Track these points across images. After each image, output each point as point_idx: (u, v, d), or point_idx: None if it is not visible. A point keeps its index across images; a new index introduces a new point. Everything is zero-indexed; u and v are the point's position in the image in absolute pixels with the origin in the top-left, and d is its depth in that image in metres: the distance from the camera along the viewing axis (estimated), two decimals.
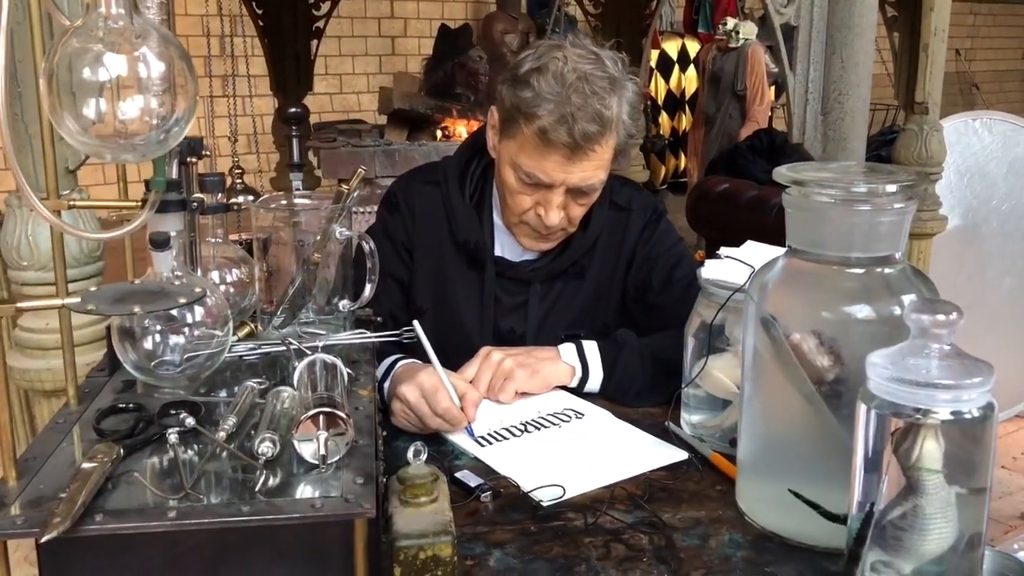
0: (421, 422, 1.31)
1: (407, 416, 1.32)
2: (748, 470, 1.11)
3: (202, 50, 6.47)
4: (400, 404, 1.32)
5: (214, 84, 3.65)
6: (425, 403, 1.30)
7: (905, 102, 3.02)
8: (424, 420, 1.31)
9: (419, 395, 1.31)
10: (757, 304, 1.04)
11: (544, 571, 0.99)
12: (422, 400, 1.30)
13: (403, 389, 1.32)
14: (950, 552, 0.91)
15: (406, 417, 1.33)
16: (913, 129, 2.94)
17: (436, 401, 1.30)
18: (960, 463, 0.89)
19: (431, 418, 1.30)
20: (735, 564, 1.00)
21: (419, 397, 1.31)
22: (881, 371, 0.87)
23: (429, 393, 1.30)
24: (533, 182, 1.43)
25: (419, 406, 1.30)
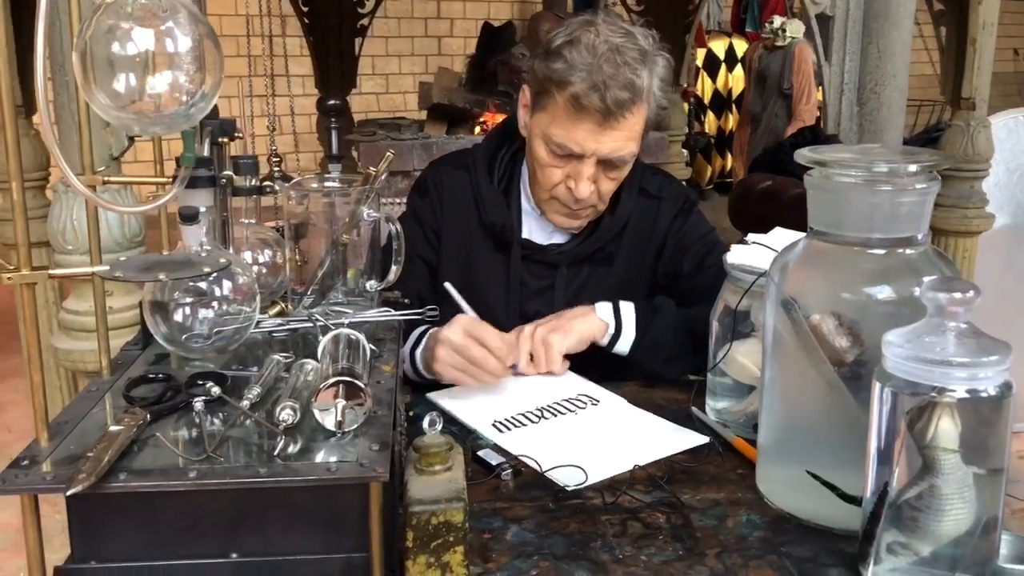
0: (468, 365, 1.34)
1: (452, 360, 1.35)
2: (768, 452, 1.11)
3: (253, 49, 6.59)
4: (445, 349, 1.35)
5: (255, 82, 3.73)
6: (471, 340, 1.33)
7: (952, 98, 2.97)
8: (472, 358, 1.34)
9: (463, 334, 1.35)
10: (777, 286, 1.04)
11: (560, 546, 1.00)
12: (468, 338, 1.34)
13: (446, 332, 1.35)
14: (967, 535, 0.91)
15: (451, 361, 1.35)
16: (959, 125, 2.90)
17: (484, 337, 1.34)
18: (977, 443, 0.88)
19: (477, 349, 1.34)
20: (750, 543, 1.01)
21: (464, 336, 1.35)
22: (896, 349, 0.87)
23: (474, 331, 1.34)
24: (564, 153, 1.44)
25: (466, 345, 1.34)
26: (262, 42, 4.04)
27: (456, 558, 0.83)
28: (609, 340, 1.47)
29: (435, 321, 1.30)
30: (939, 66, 3.04)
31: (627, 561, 0.97)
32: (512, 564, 0.96)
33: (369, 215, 1.20)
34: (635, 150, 1.47)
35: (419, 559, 0.83)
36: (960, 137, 2.88)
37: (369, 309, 1.18)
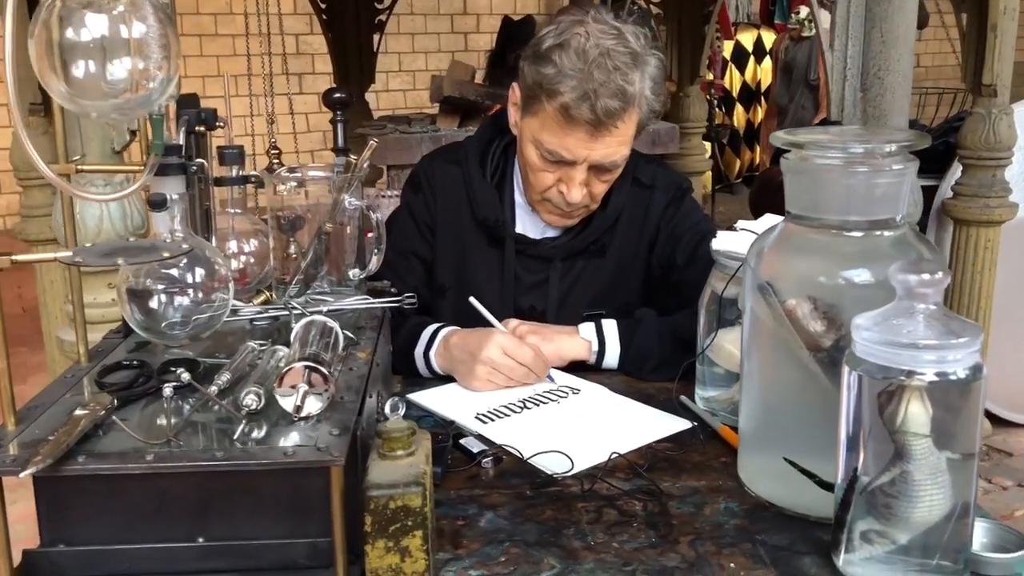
0: (506, 378, 1.38)
1: (492, 376, 1.38)
2: (747, 440, 1.09)
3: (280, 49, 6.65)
4: (485, 368, 1.38)
5: (257, 82, 3.76)
6: (510, 359, 1.37)
7: (972, 86, 2.92)
8: (511, 374, 1.38)
9: (502, 353, 1.38)
10: (753, 271, 1.03)
11: (532, 532, 0.99)
12: (506, 357, 1.38)
13: (487, 353, 1.38)
14: (943, 521, 0.89)
15: (491, 377, 1.38)
16: (980, 113, 2.84)
17: (522, 355, 1.38)
18: (948, 428, 0.86)
19: (517, 370, 1.38)
20: (726, 531, 0.99)
21: (503, 355, 1.38)
22: (865, 333, 0.86)
23: (512, 350, 1.38)
24: (555, 159, 1.43)
25: (504, 363, 1.38)
26: (259, 42, 4.07)
27: (415, 543, 0.83)
28: (595, 358, 1.47)
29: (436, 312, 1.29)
30: (960, 54, 2.99)
31: (598, 548, 0.96)
32: (482, 550, 0.96)
33: (351, 203, 1.20)
34: (627, 153, 1.46)
35: (378, 544, 0.83)
36: (981, 125, 2.83)
37: (353, 298, 1.18)
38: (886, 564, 0.91)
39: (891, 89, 1.63)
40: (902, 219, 0.99)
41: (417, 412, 1.33)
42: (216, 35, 6.98)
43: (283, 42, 4.15)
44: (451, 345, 1.43)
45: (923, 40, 8.57)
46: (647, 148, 2.49)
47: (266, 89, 3.17)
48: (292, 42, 7.09)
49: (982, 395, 0.85)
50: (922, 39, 8.42)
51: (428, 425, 1.26)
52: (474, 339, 1.40)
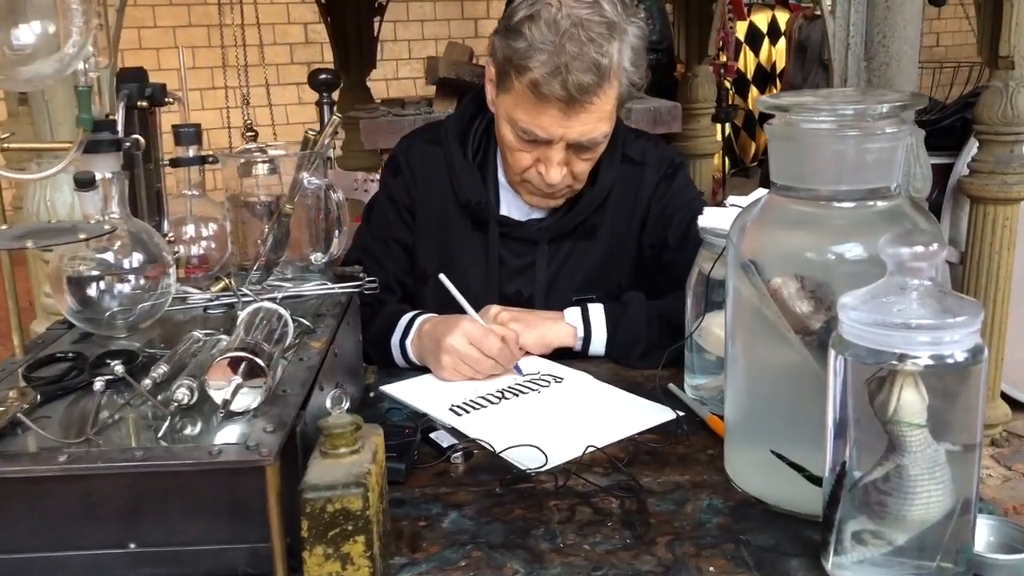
0: (472, 369, 1.30)
1: (457, 365, 1.30)
2: (733, 431, 1.01)
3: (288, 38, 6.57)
4: (450, 357, 1.30)
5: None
6: (475, 349, 1.29)
7: (989, 57, 2.80)
8: (476, 365, 1.30)
9: (466, 342, 1.30)
10: (736, 247, 0.95)
11: (498, 534, 0.92)
12: (471, 347, 1.30)
13: (450, 340, 1.30)
14: (944, 520, 0.81)
15: (456, 367, 1.31)
16: (997, 86, 2.72)
17: (487, 345, 1.30)
18: (947, 416, 0.78)
19: (482, 361, 1.30)
20: (707, 530, 0.91)
21: (467, 344, 1.30)
22: (852, 313, 0.77)
23: (477, 339, 1.30)
24: (531, 138, 1.35)
25: (470, 353, 1.29)
26: (233, 32, 4.01)
27: (357, 549, 0.76)
28: (581, 344, 1.39)
29: (400, 298, 1.22)
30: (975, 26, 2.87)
31: (567, 550, 0.89)
32: (442, 554, 0.89)
33: (310, 182, 1.13)
34: (607, 130, 1.37)
35: (316, 550, 0.76)
36: (998, 98, 2.71)
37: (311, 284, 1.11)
38: (881, 567, 0.82)
39: (896, 57, 1.54)
40: (897, 188, 0.90)
41: (390, 404, 1.26)
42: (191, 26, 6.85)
43: (259, 32, 4.08)
44: (423, 333, 1.35)
45: (942, 18, 8.37)
46: (649, 127, 2.41)
47: (240, 76, 3.09)
48: (300, 31, 7.01)
49: (983, 380, 0.77)
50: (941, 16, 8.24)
51: (399, 419, 1.19)
52: (442, 326, 1.33)
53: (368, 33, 3.91)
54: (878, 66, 1.57)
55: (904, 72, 1.59)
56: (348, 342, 1.15)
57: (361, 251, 1.56)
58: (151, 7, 6.24)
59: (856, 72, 1.61)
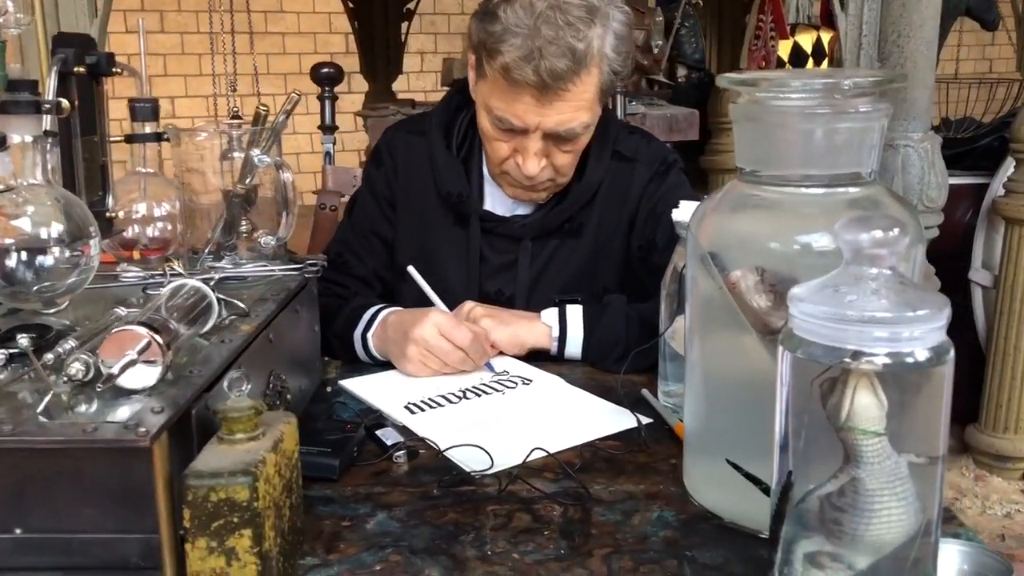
0: (444, 366, 1.24)
1: (425, 358, 1.24)
2: (692, 441, 0.93)
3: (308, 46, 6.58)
4: (417, 348, 1.24)
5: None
6: (445, 340, 1.23)
7: None
8: (445, 357, 1.23)
9: (436, 333, 1.23)
10: (695, 238, 0.87)
11: (423, 538, 0.85)
12: (441, 338, 1.23)
13: (418, 331, 1.24)
14: (910, 542, 0.72)
15: (423, 359, 1.24)
16: None
17: (458, 336, 1.23)
18: (907, 424, 0.70)
19: (452, 353, 1.23)
20: (651, 544, 0.83)
21: (436, 335, 1.23)
22: (803, 306, 0.69)
23: (448, 330, 1.24)
24: (507, 127, 1.29)
25: (439, 345, 1.23)
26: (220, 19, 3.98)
27: (243, 544, 0.69)
28: (557, 345, 1.32)
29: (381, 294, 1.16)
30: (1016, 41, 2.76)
31: (494, 559, 0.81)
32: (357, 557, 0.81)
33: (260, 160, 1.07)
34: (587, 120, 1.29)
35: (199, 543, 0.69)
36: None
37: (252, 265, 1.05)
38: None
39: (912, 58, 1.44)
40: (872, 174, 0.82)
41: (345, 400, 1.19)
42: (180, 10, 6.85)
43: (249, 19, 4.06)
44: (388, 325, 1.29)
45: (996, 44, 8.18)
46: (664, 134, 2.33)
47: (226, 62, 3.07)
48: (310, 42, 6.98)
49: (948, 383, 0.68)
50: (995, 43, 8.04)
51: (349, 415, 1.12)
52: (410, 317, 1.26)
53: (396, 38, 3.88)
54: (892, 67, 1.48)
55: (920, 74, 1.49)
56: (296, 331, 1.09)
57: (341, 244, 1.50)
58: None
59: None
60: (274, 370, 0.98)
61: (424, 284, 1.30)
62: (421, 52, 7.10)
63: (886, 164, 1.53)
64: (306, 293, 1.12)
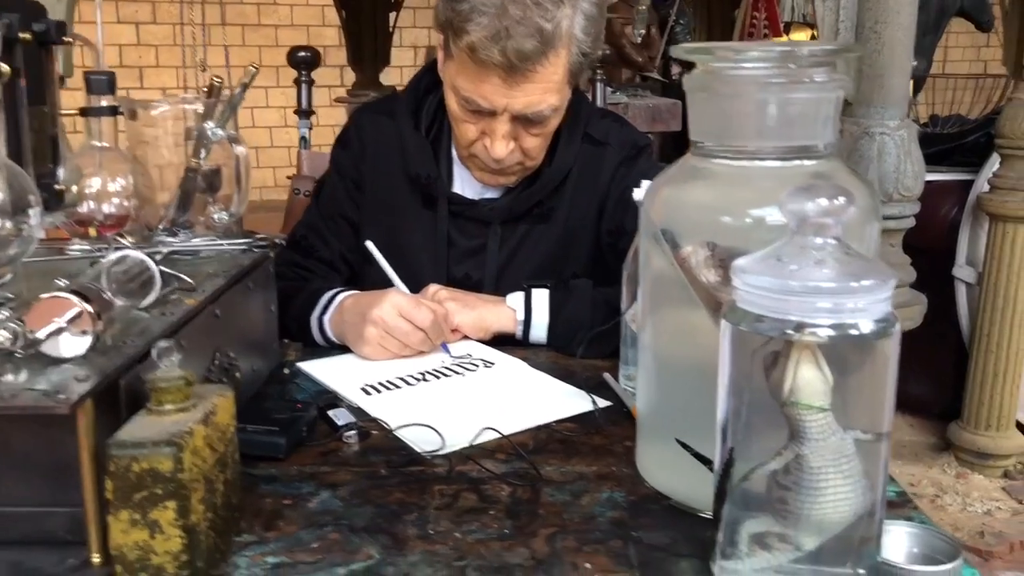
0: (403, 347, 1.22)
1: (384, 339, 1.21)
2: (644, 422, 0.91)
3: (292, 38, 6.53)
4: (376, 329, 1.21)
5: None
6: (405, 321, 1.20)
7: (1014, 69, 2.67)
8: (405, 338, 1.21)
9: (396, 313, 1.21)
10: (647, 214, 0.85)
11: (365, 516, 0.83)
12: (400, 319, 1.21)
13: (377, 312, 1.21)
14: (858, 522, 0.70)
15: (382, 340, 1.21)
16: (1021, 99, 2.60)
17: (418, 317, 1.21)
18: (853, 399, 0.68)
19: (412, 334, 1.21)
20: (597, 524, 0.81)
21: (396, 316, 1.21)
22: (747, 277, 0.67)
23: (408, 310, 1.21)
24: (474, 108, 1.26)
25: (398, 325, 1.21)
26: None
27: (167, 516, 0.67)
28: (522, 330, 1.30)
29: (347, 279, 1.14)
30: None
31: (435, 537, 0.79)
32: (296, 535, 0.79)
33: (214, 133, 1.05)
34: (556, 103, 1.27)
35: (121, 515, 0.67)
36: (1022, 112, 2.58)
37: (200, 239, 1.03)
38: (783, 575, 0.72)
39: (889, 45, 1.42)
40: (828, 147, 0.80)
41: (302, 382, 1.17)
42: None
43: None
44: (344, 308, 1.27)
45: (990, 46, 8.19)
46: (647, 125, 2.31)
47: (196, 51, 3.03)
48: (303, 34, 6.94)
49: (893, 357, 0.66)
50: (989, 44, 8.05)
51: (303, 396, 1.10)
52: (367, 299, 1.24)
53: (383, 28, 3.86)
54: (869, 54, 1.46)
55: (898, 60, 1.48)
56: (248, 309, 1.07)
57: (306, 227, 1.48)
58: None
59: (846, 60, 1.50)
60: (221, 347, 0.96)
61: (383, 262, 1.28)
62: (415, 46, 7.07)
63: (862, 152, 1.51)
64: (261, 272, 1.10)
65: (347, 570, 0.74)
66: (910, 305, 1.56)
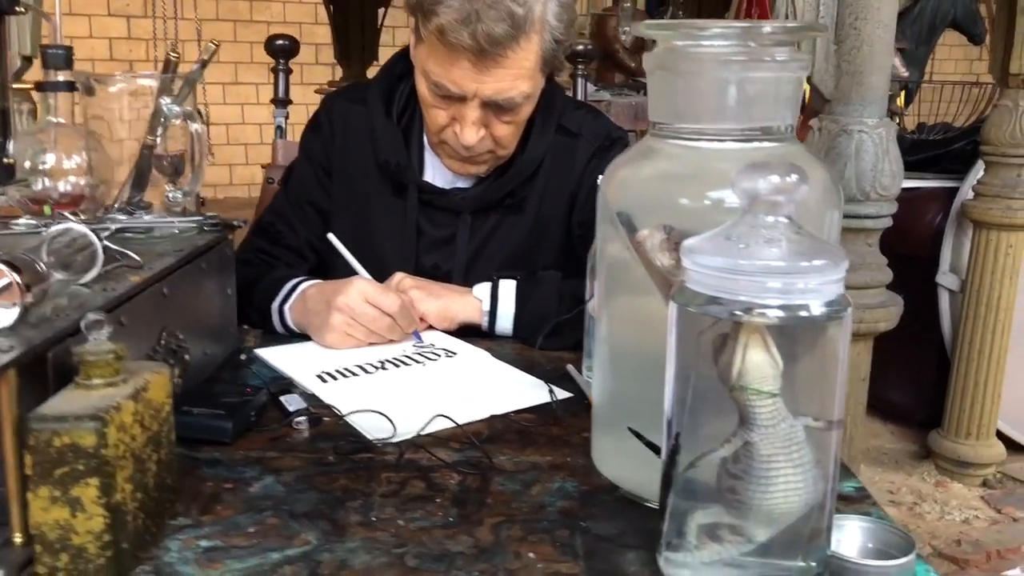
0: (367, 330, 1.19)
1: (351, 328, 1.19)
2: (599, 411, 0.88)
3: None
4: (342, 316, 1.18)
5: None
6: (371, 307, 1.18)
7: (1000, 76, 2.66)
8: (372, 325, 1.19)
9: (362, 300, 1.19)
10: (605, 197, 0.83)
11: (307, 502, 0.80)
12: (366, 305, 1.18)
13: (343, 299, 1.19)
14: (812, 513, 0.68)
15: (348, 327, 1.19)
16: (1007, 106, 2.58)
17: (386, 302, 1.19)
18: (803, 384, 0.65)
19: (379, 320, 1.19)
20: (546, 515, 0.79)
21: (362, 302, 1.18)
22: (696, 257, 0.65)
23: (374, 296, 1.19)
24: (444, 93, 1.24)
25: (365, 311, 1.18)
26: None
27: (90, 494, 0.64)
28: (488, 320, 1.28)
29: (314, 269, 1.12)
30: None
31: (376, 525, 0.76)
32: (233, 519, 0.77)
33: (169, 109, 1.02)
34: (528, 90, 1.25)
35: (41, 492, 0.64)
36: (1007, 119, 2.57)
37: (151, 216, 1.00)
38: (736, 569, 0.70)
39: (868, 41, 1.41)
40: (789, 130, 0.78)
41: (259, 368, 1.14)
42: None
43: None
44: (307, 296, 1.24)
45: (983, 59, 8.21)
46: (629, 123, 2.29)
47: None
48: (295, 31, 6.89)
49: (844, 341, 0.64)
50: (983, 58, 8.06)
51: (257, 382, 1.08)
52: (331, 287, 1.21)
53: (371, 24, 3.83)
54: (848, 51, 1.44)
55: (877, 57, 1.46)
56: (201, 291, 1.04)
57: (274, 213, 1.45)
58: None
59: (825, 57, 1.48)
60: (168, 327, 0.93)
61: (346, 252, 1.25)
62: (406, 44, 7.04)
63: (839, 150, 1.49)
64: (216, 253, 1.07)
65: (282, 555, 0.71)
66: (886, 306, 1.54)
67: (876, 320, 1.52)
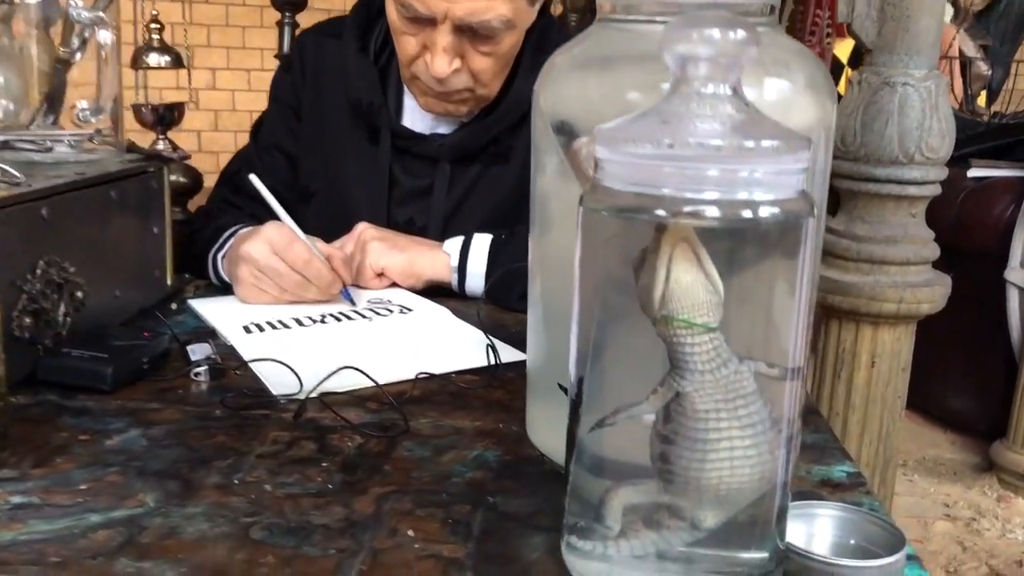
0: (282, 291, 1.03)
1: (259, 281, 1.03)
2: (533, 375, 0.73)
3: None
4: (248, 268, 1.03)
5: None
6: (278, 259, 1.02)
7: None
8: (279, 280, 1.03)
9: (269, 251, 1.02)
10: (539, 106, 0.67)
11: (164, 460, 0.66)
12: (273, 256, 1.02)
13: (247, 248, 1.03)
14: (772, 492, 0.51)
15: (257, 283, 1.04)
16: None
17: (292, 255, 1.02)
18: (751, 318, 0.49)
19: (288, 276, 1.02)
20: (449, 486, 0.63)
21: (269, 253, 1.02)
22: (612, 144, 0.49)
23: (282, 247, 1.02)
24: (411, 15, 1.09)
25: (270, 264, 1.02)
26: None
27: None
28: (457, 278, 1.13)
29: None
30: None
31: (236, 488, 0.62)
32: (66, 474, 0.63)
33: (78, 15, 0.90)
34: (506, 13, 1.09)
35: None
36: None
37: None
38: (676, 563, 0.53)
39: None
40: (764, 8, 0.61)
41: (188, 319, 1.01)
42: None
43: None
44: (234, 244, 1.10)
45: None
46: None
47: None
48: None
49: (810, 257, 0.47)
50: None
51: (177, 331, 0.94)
52: (248, 233, 1.07)
53: None
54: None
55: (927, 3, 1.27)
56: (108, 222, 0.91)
57: (240, 160, 1.33)
58: None
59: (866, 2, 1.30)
60: (50, 257, 0.80)
61: (268, 195, 1.08)
62: None
63: (880, 105, 1.30)
64: (136, 184, 0.94)
65: (103, 518, 0.58)
66: (931, 285, 1.34)
67: (919, 301, 1.33)
